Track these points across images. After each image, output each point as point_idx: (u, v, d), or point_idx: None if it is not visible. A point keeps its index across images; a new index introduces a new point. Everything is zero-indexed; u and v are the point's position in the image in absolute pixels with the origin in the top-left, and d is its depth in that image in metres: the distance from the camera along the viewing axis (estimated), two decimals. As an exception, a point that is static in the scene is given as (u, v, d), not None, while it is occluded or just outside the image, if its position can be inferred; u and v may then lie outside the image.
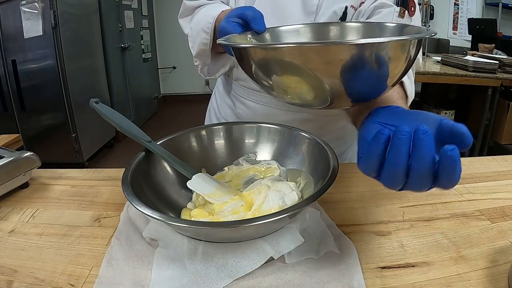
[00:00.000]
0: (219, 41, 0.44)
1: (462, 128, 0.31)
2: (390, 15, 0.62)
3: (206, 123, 0.93)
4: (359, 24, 0.55)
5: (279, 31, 0.56)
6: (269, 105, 0.75)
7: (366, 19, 0.64)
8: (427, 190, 0.32)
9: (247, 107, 0.78)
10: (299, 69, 0.35)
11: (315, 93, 0.39)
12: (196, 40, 0.68)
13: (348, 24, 0.56)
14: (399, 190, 0.33)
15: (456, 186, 0.59)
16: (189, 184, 0.49)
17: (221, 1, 0.73)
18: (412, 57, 0.37)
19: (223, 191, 0.49)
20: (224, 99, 0.86)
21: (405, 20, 0.62)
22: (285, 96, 0.41)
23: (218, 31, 0.53)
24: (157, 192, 0.49)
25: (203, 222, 0.43)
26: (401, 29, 0.48)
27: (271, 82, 0.40)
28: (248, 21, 0.50)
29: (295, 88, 0.39)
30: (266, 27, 0.51)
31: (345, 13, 0.66)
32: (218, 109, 0.87)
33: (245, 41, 0.50)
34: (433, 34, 0.37)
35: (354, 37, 0.54)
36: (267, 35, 0.53)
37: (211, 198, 0.48)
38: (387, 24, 0.51)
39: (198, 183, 0.49)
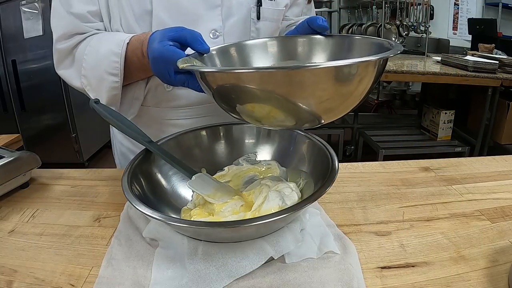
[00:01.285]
0: (183, 66, 0.40)
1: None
2: (303, 4, 0.74)
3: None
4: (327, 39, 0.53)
5: (225, 50, 0.53)
6: (212, 114, 0.67)
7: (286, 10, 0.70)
8: None
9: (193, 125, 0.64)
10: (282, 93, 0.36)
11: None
12: (101, 88, 0.57)
13: (316, 37, 0.54)
14: None
15: (456, 186, 0.60)
16: (189, 184, 0.49)
17: (97, 29, 0.60)
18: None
19: (223, 191, 0.49)
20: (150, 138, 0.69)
21: (310, 6, 0.76)
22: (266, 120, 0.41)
23: (151, 58, 0.47)
24: (157, 192, 0.49)
25: (203, 222, 0.43)
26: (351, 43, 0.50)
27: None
28: (188, 43, 0.47)
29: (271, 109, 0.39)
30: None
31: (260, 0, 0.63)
32: None
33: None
34: (398, 52, 0.39)
35: (324, 52, 0.53)
36: (207, 56, 0.49)
37: (211, 198, 0.48)
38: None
39: (198, 183, 0.49)
